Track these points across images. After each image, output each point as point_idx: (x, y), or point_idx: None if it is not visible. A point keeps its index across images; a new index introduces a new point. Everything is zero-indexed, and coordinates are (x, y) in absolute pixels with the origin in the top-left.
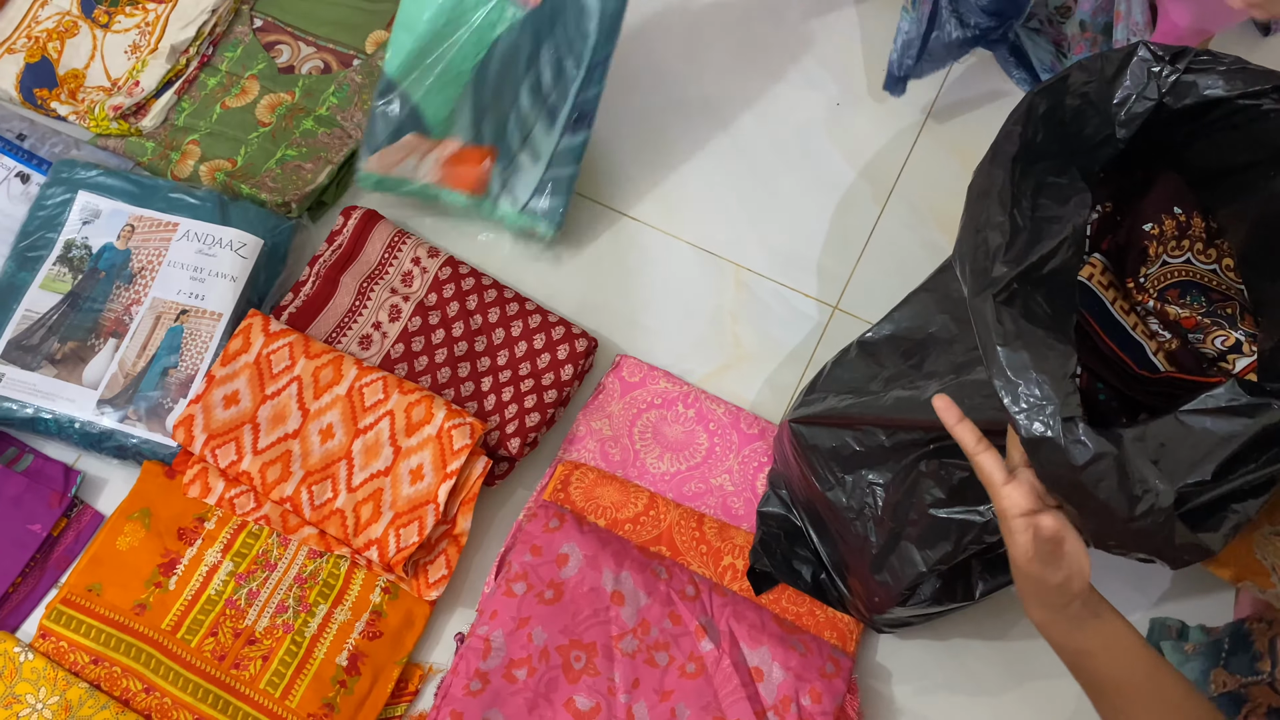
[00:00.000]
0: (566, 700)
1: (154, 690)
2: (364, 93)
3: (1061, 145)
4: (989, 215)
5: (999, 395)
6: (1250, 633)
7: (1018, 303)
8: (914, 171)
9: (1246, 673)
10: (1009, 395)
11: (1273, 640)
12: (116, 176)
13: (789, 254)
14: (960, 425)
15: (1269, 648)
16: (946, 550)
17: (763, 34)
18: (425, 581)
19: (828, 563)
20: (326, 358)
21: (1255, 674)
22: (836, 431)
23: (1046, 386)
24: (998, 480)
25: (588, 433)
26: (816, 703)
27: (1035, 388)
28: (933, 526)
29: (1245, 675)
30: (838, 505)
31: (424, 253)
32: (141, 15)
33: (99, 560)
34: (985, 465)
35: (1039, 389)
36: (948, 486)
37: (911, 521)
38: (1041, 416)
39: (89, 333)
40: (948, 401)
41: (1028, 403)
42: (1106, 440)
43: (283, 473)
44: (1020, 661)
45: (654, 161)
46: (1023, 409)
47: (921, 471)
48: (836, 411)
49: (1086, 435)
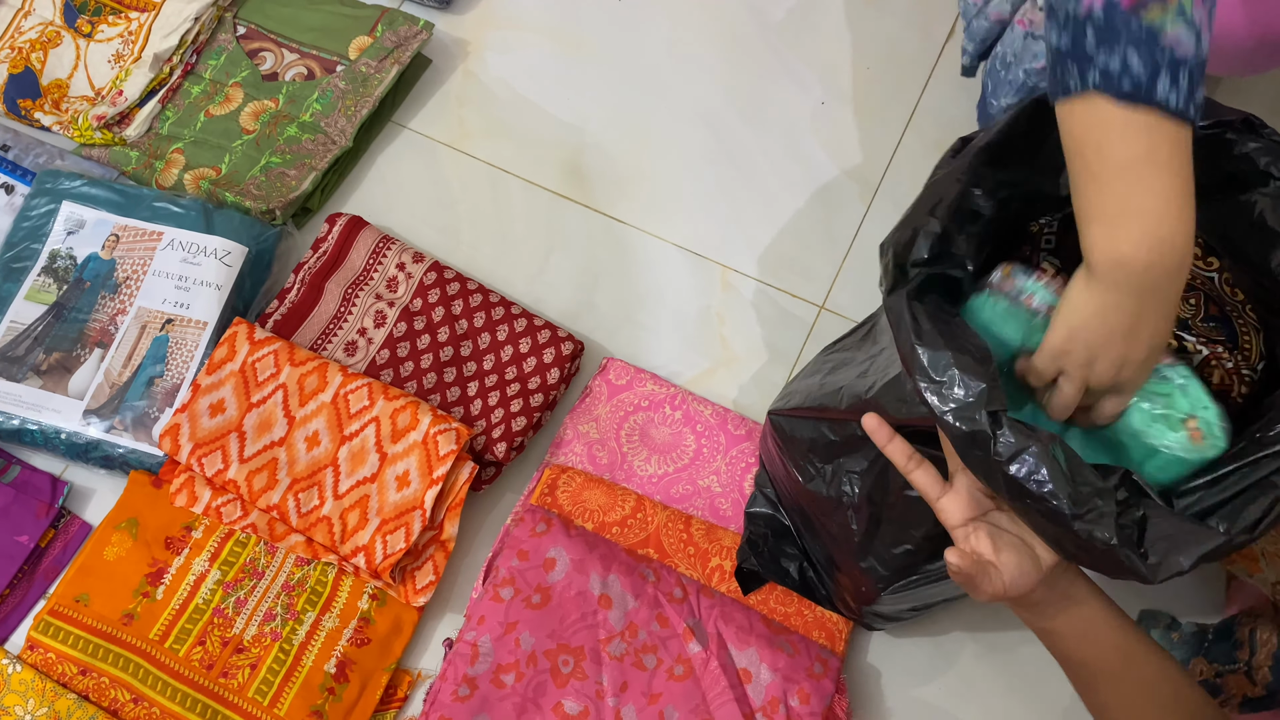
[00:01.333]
0: (555, 705)
1: (142, 700)
2: (347, 98)
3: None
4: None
5: (924, 396)
6: (1235, 624)
7: (930, 299)
8: (899, 170)
9: (1225, 662)
10: (935, 395)
11: (1251, 630)
12: (101, 186)
13: (776, 254)
14: (891, 445)
15: (1248, 638)
16: (926, 530)
17: (747, 35)
18: (413, 588)
19: (814, 560)
20: (311, 365)
21: (1233, 663)
22: (814, 423)
23: (970, 382)
24: (933, 496)
25: (575, 436)
26: (805, 703)
27: (958, 386)
28: (909, 508)
29: (1223, 664)
30: (819, 496)
31: (409, 258)
32: (124, 24)
33: (86, 571)
34: (919, 482)
35: (961, 387)
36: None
37: (889, 505)
38: (966, 413)
39: (74, 343)
40: (878, 421)
41: (955, 401)
42: (1034, 434)
43: (269, 481)
44: (1011, 661)
45: (639, 163)
46: (949, 408)
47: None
48: (810, 402)
49: (1011, 430)
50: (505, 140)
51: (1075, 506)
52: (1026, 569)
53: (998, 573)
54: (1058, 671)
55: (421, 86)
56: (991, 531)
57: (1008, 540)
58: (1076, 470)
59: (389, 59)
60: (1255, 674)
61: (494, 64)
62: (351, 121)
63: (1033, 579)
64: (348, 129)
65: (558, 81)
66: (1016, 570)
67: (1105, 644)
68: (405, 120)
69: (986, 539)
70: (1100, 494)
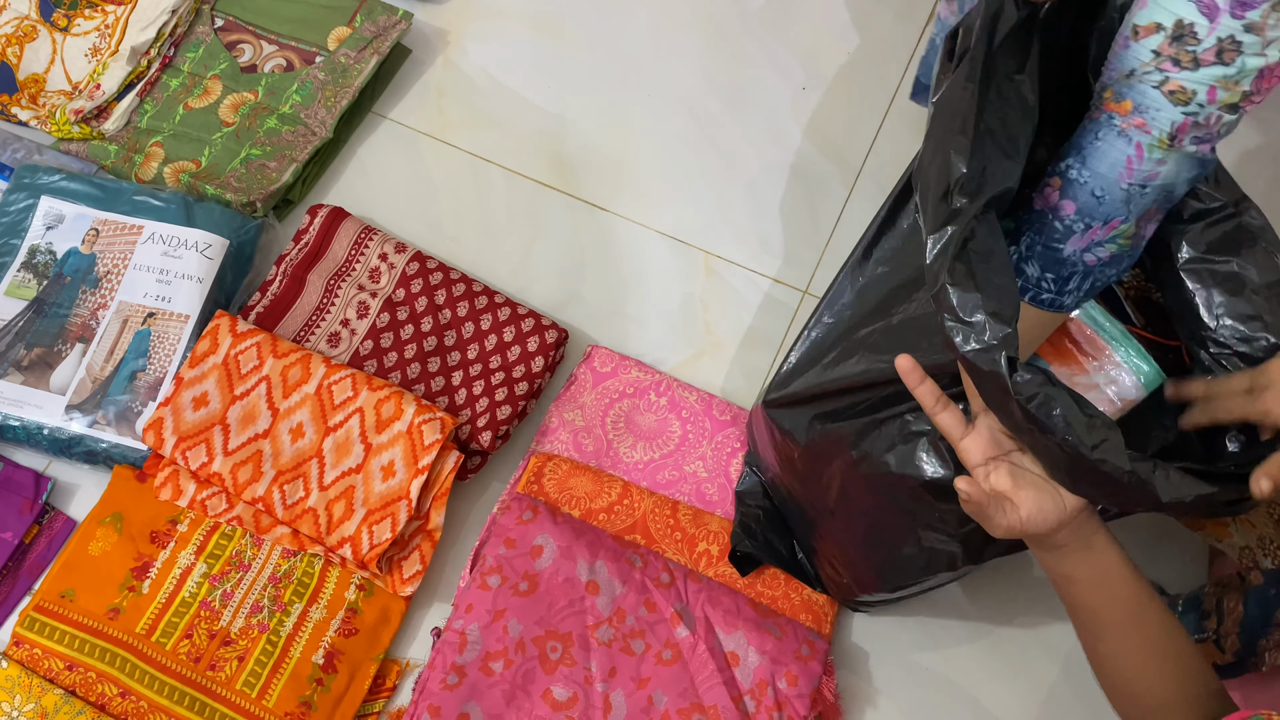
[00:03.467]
0: (544, 691)
1: (130, 694)
2: (327, 90)
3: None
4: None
5: (949, 335)
6: (1202, 595)
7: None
8: (881, 153)
9: (1194, 631)
10: (960, 334)
11: (1219, 600)
12: (80, 181)
13: (759, 240)
14: (922, 386)
15: (1215, 607)
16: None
17: (728, 21)
18: (400, 577)
19: (801, 542)
20: (295, 356)
21: (1201, 633)
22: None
23: (995, 323)
24: (956, 435)
25: (560, 424)
26: (792, 685)
27: (985, 330)
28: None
29: (1193, 634)
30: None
31: (391, 249)
32: (101, 18)
33: (71, 566)
34: (944, 423)
35: (988, 329)
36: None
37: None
38: (988, 355)
39: (55, 338)
40: (912, 363)
41: (979, 342)
42: (1046, 375)
43: (254, 473)
44: (996, 642)
45: (621, 151)
46: (973, 348)
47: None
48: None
49: (1027, 370)
50: (487, 130)
51: (1090, 436)
52: (1046, 507)
53: (1013, 507)
54: (1042, 651)
55: (401, 77)
56: (1012, 470)
57: (1029, 478)
58: (1086, 407)
59: (368, 49)
60: (1224, 642)
61: (474, 53)
62: (331, 113)
63: (1052, 518)
64: (328, 120)
65: (539, 70)
66: (1035, 506)
67: (1119, 595)
68: (386, 111)
69: (1006, 476)
70: (1110, 426)
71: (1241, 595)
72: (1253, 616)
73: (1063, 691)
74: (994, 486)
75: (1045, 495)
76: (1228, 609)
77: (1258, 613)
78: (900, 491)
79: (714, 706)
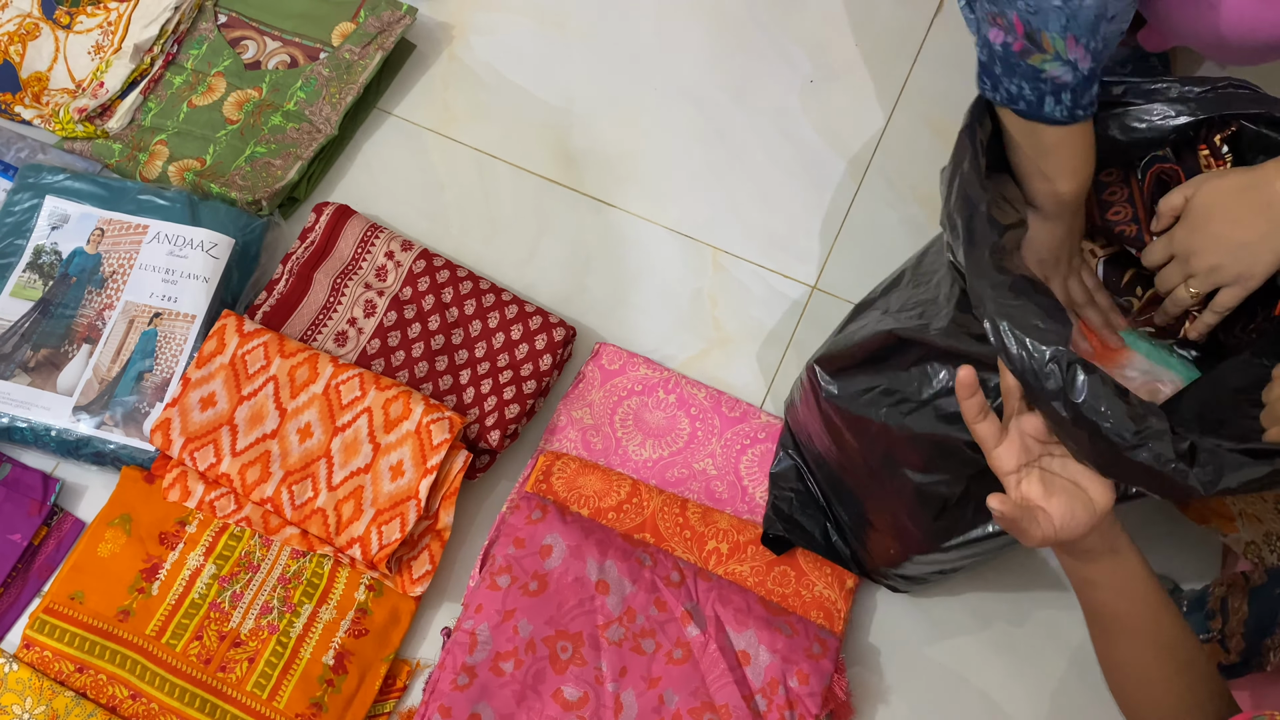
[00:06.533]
0: (554, 691)
1: (140, 696)
2: (331, 86)
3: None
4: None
5: (991, 337)
6: (1207, 594)
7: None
8: (890, 147)
9: (1199, 631)
10: (1000, 335)
11: (1224, 599)
12: (84, 180)
13: (767, 235)
14: (973, 399)
15: (1220, 607)
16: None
17: (735, 12)
18: (409, 577)
19: (840, 521)
20: (302, 356)
21: (1206, 632)
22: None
23: (1042, 325)
24: (990, 445)
25: (569, 422)
26: (804, 684)
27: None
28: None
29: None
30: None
31: (398, 246)
32: (103, 15)
33: (81, 568)
34: (982, 432)
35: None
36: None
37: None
38: (1029, 350)
39: (62, 339)
40: (972, 378)
41: (1026, 345)
42: (1090, 364)
43: (262, 473)
44: (1008, 638)
45: (627, 145)
46: (1018, 349)
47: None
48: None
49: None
50: (492, 124)
51: (1135, 424)
52: (1078, 513)
53: (1047, 517)
54: (1054, 648)
55: (406, 72)
56: (1043, 476)
57: (1060, 485)
58: (1126, 394)
59: (372, 45)
60: (1229, 642)
61: (479, 47)
62: (336, 109)
63: (1084, 524)
64: (333, 117)
65: (544, 64)
66: (1067, 513)
67: (1138, 599)
68: (390, 106)
69: (1038, 484)
70: (1154, 414)
71: (1246, 595)
72: (1257, 616)
73: (1074, 686)
74: (1025, 494)
75: (1077, 501)
76: (1232, 609)
77: (1262, 612)
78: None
79: (725, 705)
